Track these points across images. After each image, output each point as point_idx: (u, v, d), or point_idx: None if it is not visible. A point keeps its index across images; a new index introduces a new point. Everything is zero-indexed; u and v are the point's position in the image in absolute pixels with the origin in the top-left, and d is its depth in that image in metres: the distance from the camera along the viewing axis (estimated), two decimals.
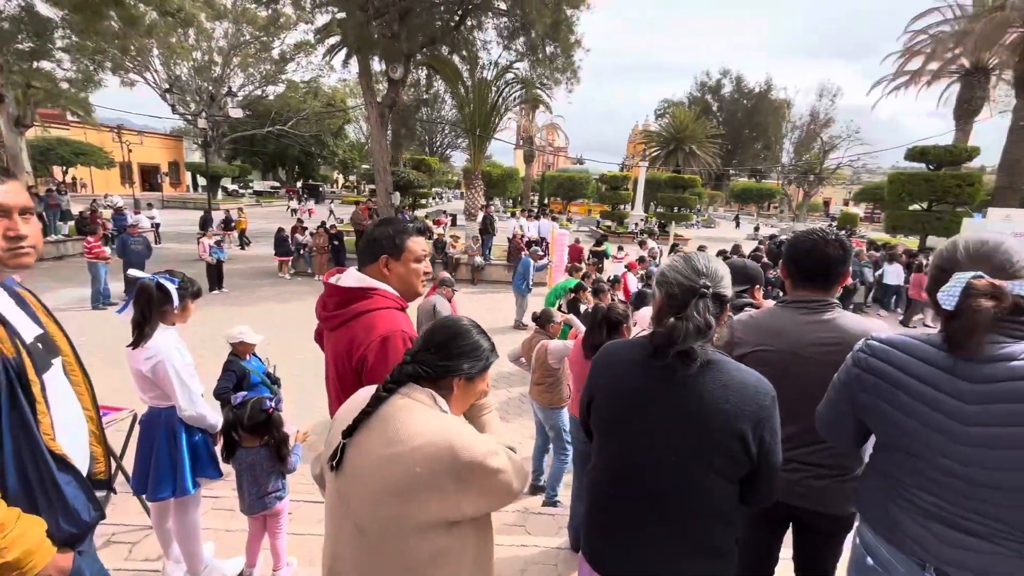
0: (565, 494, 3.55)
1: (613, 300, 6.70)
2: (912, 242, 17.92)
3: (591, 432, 1.36)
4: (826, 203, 51.52)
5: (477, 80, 13.75)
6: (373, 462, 1.01)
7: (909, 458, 1.11)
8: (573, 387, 3.27)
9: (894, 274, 10.32)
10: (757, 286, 2.20)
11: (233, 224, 15.58)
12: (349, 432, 1.03)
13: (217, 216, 15.90)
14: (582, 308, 5.68)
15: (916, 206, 17.03)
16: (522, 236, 12.72)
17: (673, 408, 1.13)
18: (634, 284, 7.67)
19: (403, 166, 22.73)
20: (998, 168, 17.49)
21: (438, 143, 41.20)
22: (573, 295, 6.19)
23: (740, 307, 2.02)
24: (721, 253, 9.31)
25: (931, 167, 16.99)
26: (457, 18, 12.75)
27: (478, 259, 12.21)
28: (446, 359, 1.11)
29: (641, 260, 9.22)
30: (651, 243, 12.91)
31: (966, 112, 19.84)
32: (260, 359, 3.53)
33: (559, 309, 6.38)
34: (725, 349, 1.70)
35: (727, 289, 1.19)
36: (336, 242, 11.76)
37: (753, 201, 44.59)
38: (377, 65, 14.42)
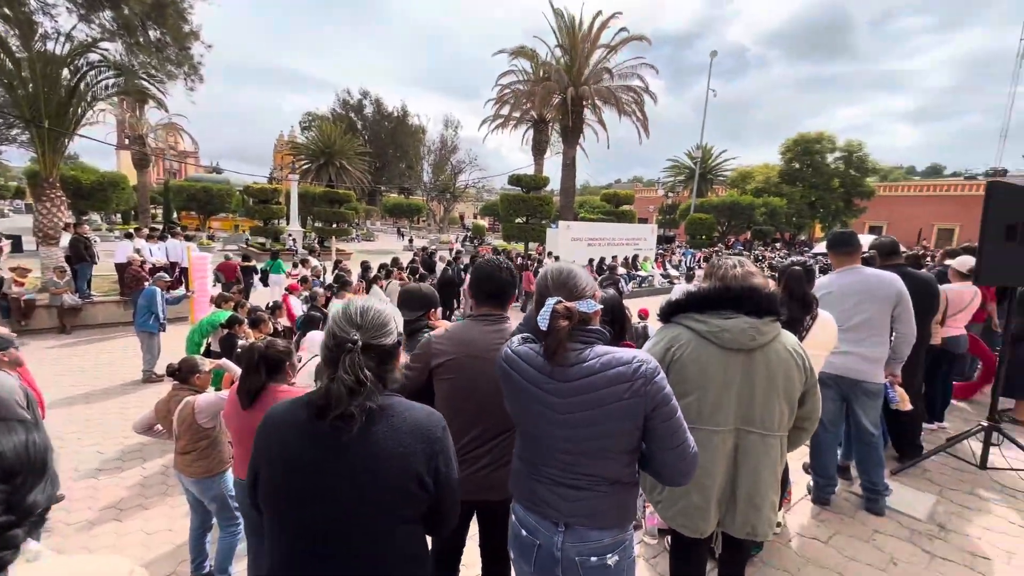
0: (240, 568, 3.00)
1: (276, 330, 6.11)
2: (520, 246, 23.38)
3: (260, 510, 1.18)
4: (462, 217, 61.38)
5: (37, 53, 9.94)
6: None
7: (536, 443, 1.42)
8: (235, 445, 2.78)
9: None
10: (433, 309, 2.40)
11: None
12: None
13: None
14: (240, 345, 4.92)
15: (520, 220, 22.28)
16: (142, 261, 10.02)
17: (347, 468, 1.08)
18: (298, 307, 7.19)
19: None
20: (560, 193, 24.80)
21: None
22: (227, 331, 5.28)
23: (420, 329, 2.17)
24: (383, 267, 9.79)
25: (525, 191, 22.53)
26: None
27: (68, 298, 8.93)
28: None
29: (304, 280, 8.70)
30: (313, 261, 12.39)
31: (538, 151, 27.22)
32: None
33: (207, 352, 5.37)
34: (425, 359, 1.84)
35: (389, 336, 1.18)
36: None
37: (404, 215, 48.86)
38: None
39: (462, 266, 11.73)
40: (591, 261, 16.98)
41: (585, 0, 23.34)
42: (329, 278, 10.76)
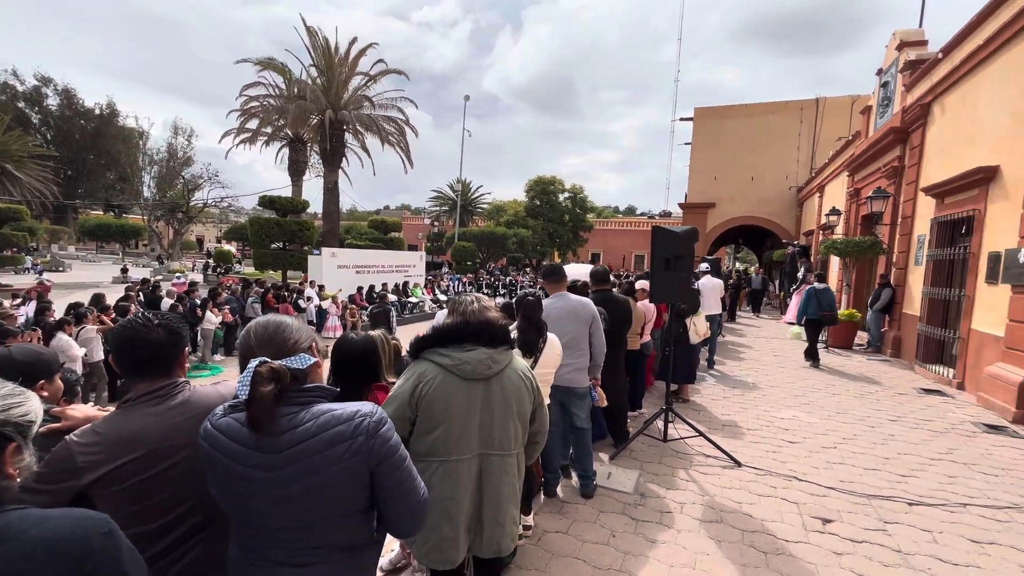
0: None
1: None
2: (278, 274, 21.03)
3: None
4: (199, 240, 52.03)
5: None
6: None
7: (250, 525, 1.23)
8: None
9: (253, 308, 11.77)
10: (44, 381, 1.63)
11: None
12: None
13: None
14: None
15: (276, 245, 20.02)
16: None
17: None
18: None
19: None
20: (322, 217, 23.39)
21: None
22: None
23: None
24: (73, 307, 7.47)
25: (281, 214, 20.45)
26: None
27: None
28: None
29: None
30: None
31: (296, 172, 25.22)
32: None
33: None
34: (65, 478, 1.24)
35: None
36: None
37: (114, 238, 38.72)
38: None
39: (198, 301, 9.85)
40: (360, 289, 16.43)
41: (338, 25, 22.92)
42: None
